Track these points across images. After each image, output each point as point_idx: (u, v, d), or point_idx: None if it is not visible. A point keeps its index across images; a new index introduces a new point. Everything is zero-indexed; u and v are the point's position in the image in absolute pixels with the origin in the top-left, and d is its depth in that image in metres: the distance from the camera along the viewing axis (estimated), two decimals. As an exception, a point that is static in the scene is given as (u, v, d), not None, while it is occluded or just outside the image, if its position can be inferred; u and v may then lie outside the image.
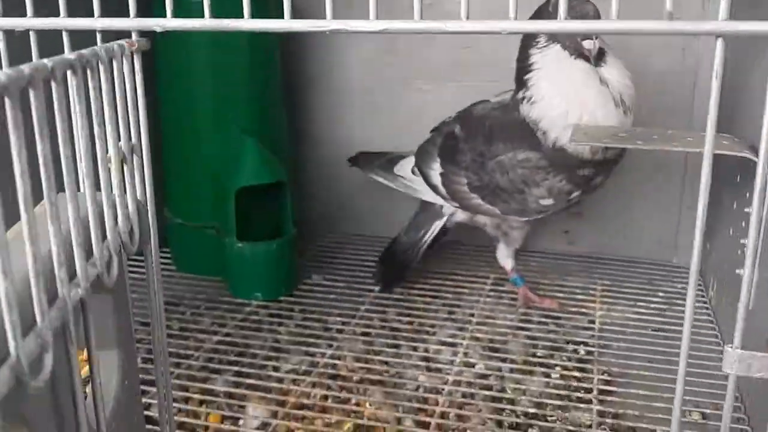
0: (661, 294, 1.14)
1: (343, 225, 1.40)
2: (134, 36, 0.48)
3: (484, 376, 0.91)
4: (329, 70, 1.34)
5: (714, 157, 0.40)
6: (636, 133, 0.87)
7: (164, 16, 0.47)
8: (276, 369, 0.92)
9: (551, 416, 0.83)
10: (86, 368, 0.42)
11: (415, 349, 0.98)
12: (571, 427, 0.80)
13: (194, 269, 1.18)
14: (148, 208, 0.52)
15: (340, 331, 1.02)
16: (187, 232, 1.17)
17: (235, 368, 0.92)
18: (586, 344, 0.99)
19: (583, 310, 1.09)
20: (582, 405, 0.85)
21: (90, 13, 0.48)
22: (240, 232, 1.08)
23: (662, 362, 0.92)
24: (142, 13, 0.48)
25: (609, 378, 0.91)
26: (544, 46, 0.96)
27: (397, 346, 0.98)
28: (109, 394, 0.47)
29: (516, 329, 1.03)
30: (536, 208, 1.01)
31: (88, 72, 0.40)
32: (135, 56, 0.48)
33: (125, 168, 0.48)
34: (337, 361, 0.94)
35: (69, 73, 0.37)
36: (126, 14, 0.48)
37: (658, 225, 1.27)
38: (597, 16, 0.87)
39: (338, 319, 1.05)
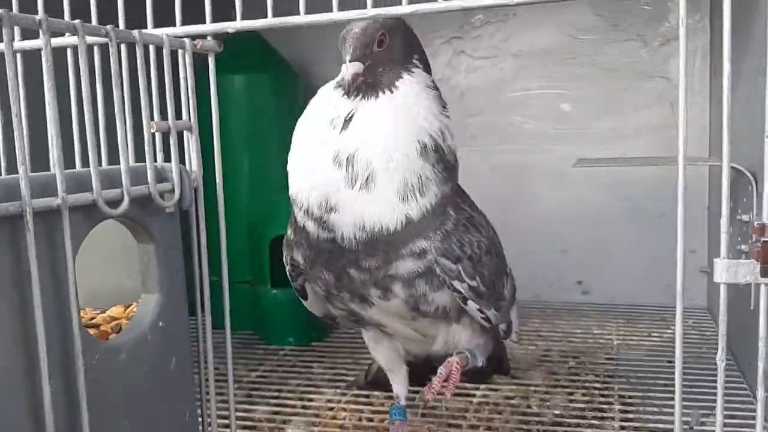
0: (672, 327, 1.20)
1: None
2: (209, 38, 0.59)
3: (510, 397, 0.96)
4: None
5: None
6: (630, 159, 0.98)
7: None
8: (311, 400, 0.97)
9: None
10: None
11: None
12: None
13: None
14: (195, 176, 0.61)
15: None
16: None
17: (274, 400, 0.97)
18: (605, 368, 1.05)
19: (601, 341, 1.15)
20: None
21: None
22: (273, 280, 1.16)
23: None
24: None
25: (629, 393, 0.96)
26: None
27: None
28: (135, 329, 0.55)
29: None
30: None
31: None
32: (208, 56, 0.59)
33: (171, 139, 0.57)
34: (371, 392, 0.98)
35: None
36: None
37: (665, 270, 1.34)
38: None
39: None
